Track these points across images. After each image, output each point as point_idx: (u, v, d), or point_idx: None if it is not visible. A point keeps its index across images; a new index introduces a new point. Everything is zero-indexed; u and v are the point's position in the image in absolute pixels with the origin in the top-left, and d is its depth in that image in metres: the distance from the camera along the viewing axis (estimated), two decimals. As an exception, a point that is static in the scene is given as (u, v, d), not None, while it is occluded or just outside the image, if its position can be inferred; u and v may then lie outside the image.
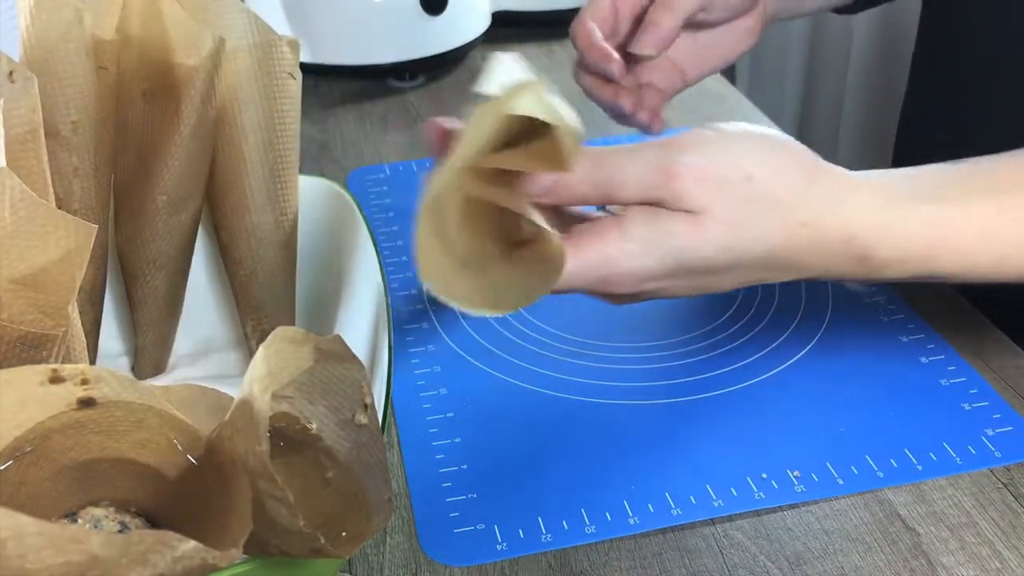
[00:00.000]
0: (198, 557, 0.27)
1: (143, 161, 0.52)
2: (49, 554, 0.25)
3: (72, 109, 0.48)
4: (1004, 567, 0.48)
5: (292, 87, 0.53)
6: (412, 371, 0.61)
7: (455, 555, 0.49)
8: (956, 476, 0.53)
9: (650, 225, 0.38)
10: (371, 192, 0.82)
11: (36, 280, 0.38)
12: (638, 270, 0.38)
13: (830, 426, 0.56)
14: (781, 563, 0.49)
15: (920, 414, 0.57)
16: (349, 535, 0.35)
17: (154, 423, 0.34)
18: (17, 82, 0.41)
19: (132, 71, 0.51)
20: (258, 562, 0.34)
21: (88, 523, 0.36)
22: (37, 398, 0.32)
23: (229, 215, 0.54)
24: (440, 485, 0.53)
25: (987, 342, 0.63)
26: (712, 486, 0.52)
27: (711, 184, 0.38)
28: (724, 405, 0.58)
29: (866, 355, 0.61)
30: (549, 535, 0.50)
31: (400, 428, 0.57)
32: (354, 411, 0.36)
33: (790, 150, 0.41)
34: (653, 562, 0.49)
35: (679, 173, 0.37)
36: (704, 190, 0.37)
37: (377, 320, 0.49)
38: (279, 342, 0.34)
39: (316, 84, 1.03)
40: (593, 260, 0.38)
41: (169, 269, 0.55)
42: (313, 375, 0.35)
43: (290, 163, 0.54)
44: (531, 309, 0.67)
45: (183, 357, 0.61)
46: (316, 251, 0.59)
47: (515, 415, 0.58)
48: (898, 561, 0.49)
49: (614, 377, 0.61)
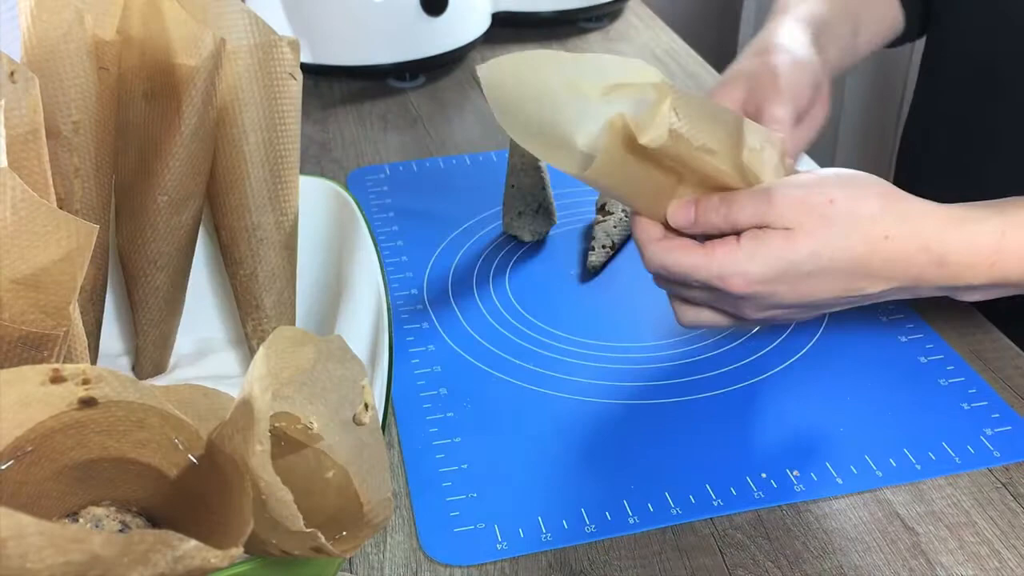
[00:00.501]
0: (199, 556, 0.27)
1: (144, 161, 0.52)
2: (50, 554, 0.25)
3: (73, 109, 0.48)
4: (1003, 566, 0.48)
5: (293, 87, 0.53)
6: (412, 371, 0.62)
7: (455, 554, 0.49)
8: (955, 476, 0.53)
9: (755, 239, 0.48)
10: (371, 192, 0.82)
11: (37, 280, 0.38)
12: (746, 272, 0.48)
13: (829, 426, 0.56)
14: (780, 562, 0.49)
15: (919, 414, 0.57)
16: (349, 534, 0.35)
17: (155, 423, 0.34)
18: (18, 82, 0.41)
19: (133, 71, 0.51)
20: (259, 561, 0.34)
21: (89, 522, 0.36)
22: (38, 398, 0.32)
23: (230, 215, 0.54)
24: (440, 485, 0.53)
25: (986, 342, 0.63)
26: (712, 486, 0.53)
27: (800, 206, 0.48)
28: (724, 405, 0.58)
29: (865, 355, 0.61)
30: (549, 534, 0.50)
31: (400, 428, 0.57)
32: (354, 411, 0.36)
33: (870, 181, 0.50)
34: (653, 561, 0.49)
35: (777, 201, 0.48)
36: (795, 211, 0.47)
37: (377, 320, 0.49)
38: (279, 342, 0.34)
39: (316, 84, 1.03)
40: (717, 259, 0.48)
41: (170, 269, 0.55)
42: (313, 375, 0.35)
43: (291, 163, 0.54)
44: (531, 309, 0.67)
45: (184, 357, 0.61)
46: (316, 251, 0.59)
47: (515, 415, 0.58)
48: (897, 560, 0.49)
49: (614, 377, 0.61)
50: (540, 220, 0.73)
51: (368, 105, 1.00)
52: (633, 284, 0.69)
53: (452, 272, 0.71)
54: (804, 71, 0.62)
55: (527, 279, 0.71)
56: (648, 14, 1.22)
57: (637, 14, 1.21)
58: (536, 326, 0.65)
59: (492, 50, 1.11)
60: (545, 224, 0.74)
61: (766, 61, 0.62)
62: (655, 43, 1.13)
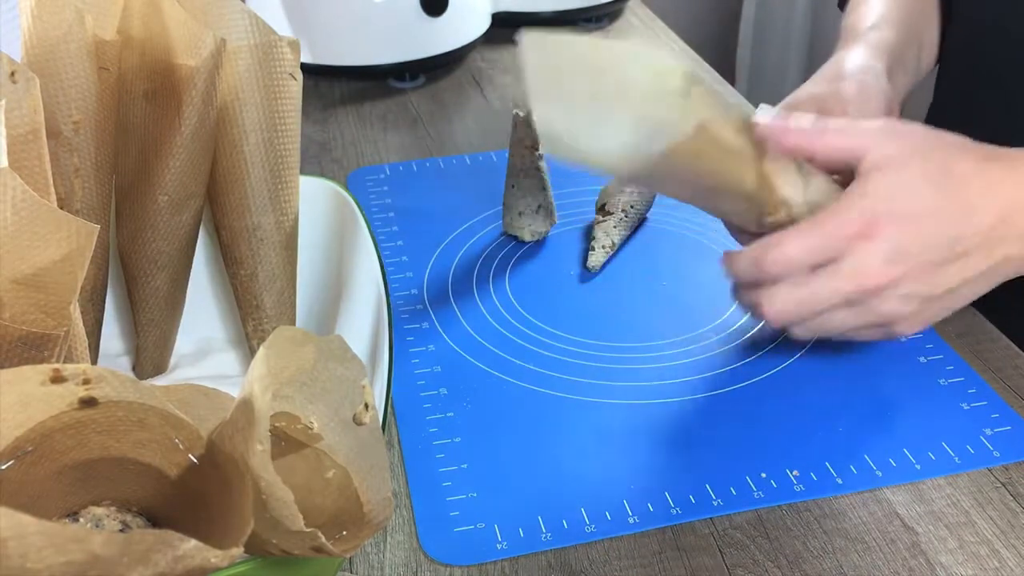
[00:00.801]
0: (199, 556, 0.27)
1: (144, 161, 0.52)
2: (50, 553, 0.25)
3: (74, 109, 0.48)
4: (1002, 566, 0.48)
5: (293, 87, 0.53)
6: (412, 371, 0.62)
7: (455, 554, 0.49)
8: (955, 475, 0.53)
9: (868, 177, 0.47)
10: (371, 192, 0.82)
11: (38, 280, 0.38)
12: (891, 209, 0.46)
13: (829, 426, 0.56)
14: (780, 562, 0.49)
15: (919, 414, 0.57)
16: (349, 534, 0.35)
17: (155, 423, 0.34)
18: (19, 82, 0.41)
19: (133, 71, 0.51)
20: (259, 561, 0.34)
21: (89, 522, 0.36)
22: (38, 398, 0.32)
23: (230, 215, 0.54)
24: (440, 484, 0.53)
25: (986, 342, 0.63)
26: (711, 485, 0.53)
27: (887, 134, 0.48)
28: (723, 405, 0.58)
29: (864, 355, 0.61)
30: (549, 534, 0.50)
31: (400, 428, 0.57)
32: (354, 411, 0.36)
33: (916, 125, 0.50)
34: (653, 561, 0.49)
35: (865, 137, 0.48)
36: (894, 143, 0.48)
37: (377, 320, 0.49)
38: (280, 342, 0.34)
39: (316, 84, 1.03)
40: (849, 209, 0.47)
41: (170, 269, 0.55)
42: (314, 375, 0.35)
43: (291, 163, 0.54)
44: (531, 309, 0.67)
45: (184, 357, 0.61)
46: (316, 251, 0.59)
47: (515, 415, 0.58)
48: (897, 560, 0.49)
49: (614, 377, 0.61)
50: (540, 220, 0.73)
51: (368, 105, 1.00)
52: (633, 284, 0.69)
53: (452, 272, 0.71)
54: (875, 99, 0.61)
55: (527, 279, 0.71)
56: (648, 14, 1.22)
57: (637, 14, 1.21)
58: (536, 326, 0.66)
59: (492, 50, 1.11)
60: (545, 224, 0.74)
61: (836, 88, 0.61)
62: (655, 43, 1.13)
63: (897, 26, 0.69)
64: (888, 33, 0.68)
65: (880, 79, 0.63)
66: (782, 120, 0.49)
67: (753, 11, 2.14)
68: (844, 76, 0.62)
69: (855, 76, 0.62)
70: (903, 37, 0.69)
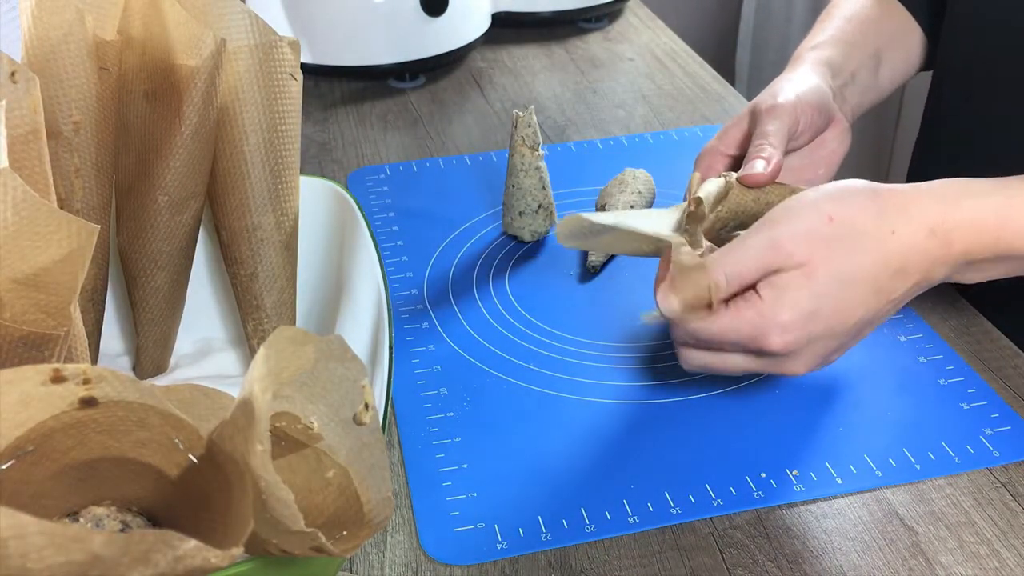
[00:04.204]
0: (199, 556, 0.27)
1: (145, 161, 0.52)
2: (51, 553, 0.25)
3: (74, 110, 0.48)
4: (1002, 566, 0.48)
5: (293, 88, 0.53)
6: (412, 371, 0.62)
7: (455, 554, 0.49)
8: (954, 475, 0.53)
9: (773, 287, 0.48)
10: (371, 192, 0.82)
11: (38, 280, 0.38)
12: (778, 323, 0.47)
13: (829, 426, 0.56)
14: (780, 562, 0.49)
15: (918, 414, 0.57)
16: (349, 534, 0.35)
17: (155, 423, 0.34)
18: (19, 83, 0.41)
19: (134, 72, 0.51)
20: (259, 561, 0.34)
21: (90, 522, 0.36)
22: (39, 398, 0.32)
23: (230, 215, 0.54)
24: (440, 484, 0.53)
25: (985, 342, 0.63)
26: (711, 485, 0.53)
27: (804, 238, 0.48)
28: (723, 405, 0.58)
29: (864, 355, 0.61)
30: (549, 534, 0.50)
31: (400, 428, 0.57)
32: (354, 411, 0.36)
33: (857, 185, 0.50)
34: (652, 561, 0.49)
35: (781, 243, 0.48)
36: (801, 245, 0.47)
37: (377, 320, 0.49)
38: (280, 342, 0.34)
39: (316, 84, 1.03)
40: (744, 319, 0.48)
41: (170, 269, 0.55)
42: (314, 375, 0.35)
43: (291, 163, 0.54)
44: (531, 309, 0.67)
45: (184, 357, 0.61)
46: (316, 251, 0.59)
47: (515, 415, 0.58)
48: (896, 560, 0.49)
49: (614, 377, 0.61)
50: (540, 220, 0.73)
51: (368, 105, 1.00)
52: (633, 284, 0.69)
53: (452, 272, 0.71)
54: (806, 94, 0.63)
55: (527, 279, 0.71)
56: (648, 14, 1.22)
57: (637, 14, 1.21)
58: (536, 326, 0.66)
59: (492, 50, 1.11)
60: (545, 224, 0.74)
61: (770, 90, 0.63)
62: (655, 43, 1.13)
63: (842, 45, 0.71)
64: (830, 51, 0.70)
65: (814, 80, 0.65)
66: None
67: (753, 11, 2.14)
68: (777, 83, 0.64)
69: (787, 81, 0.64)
70: (849, 53, 0.71)
